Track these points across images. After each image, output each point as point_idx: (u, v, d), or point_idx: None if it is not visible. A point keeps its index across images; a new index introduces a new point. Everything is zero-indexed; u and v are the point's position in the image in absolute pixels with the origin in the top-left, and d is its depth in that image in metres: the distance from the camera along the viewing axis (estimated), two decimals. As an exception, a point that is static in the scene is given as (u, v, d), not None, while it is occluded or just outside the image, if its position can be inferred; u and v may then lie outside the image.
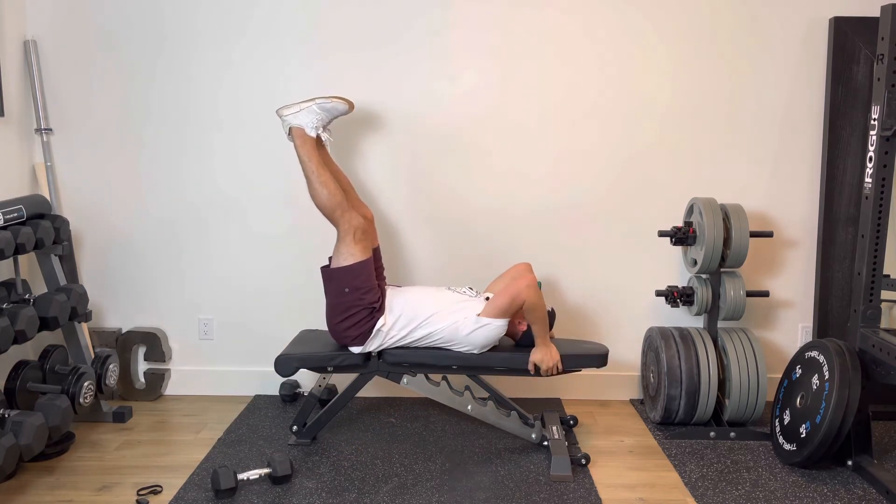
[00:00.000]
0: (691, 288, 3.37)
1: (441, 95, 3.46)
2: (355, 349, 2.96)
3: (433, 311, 2.94)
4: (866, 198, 2.89)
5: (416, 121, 3.47)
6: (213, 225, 3.56)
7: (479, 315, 2.88)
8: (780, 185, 3.52)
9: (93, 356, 3.30)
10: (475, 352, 2.96)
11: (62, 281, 3.20)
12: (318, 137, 3.04)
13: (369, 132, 3.48)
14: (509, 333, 3.05)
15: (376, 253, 3.10)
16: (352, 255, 2.89)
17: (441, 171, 3.51)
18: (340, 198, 2.95)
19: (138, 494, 2.70)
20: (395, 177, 3.51)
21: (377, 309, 2.92)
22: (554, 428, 3.12)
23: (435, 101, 3.46)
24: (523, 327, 3.04)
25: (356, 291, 2.88)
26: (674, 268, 3.59)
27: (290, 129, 3.03)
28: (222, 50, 3.44)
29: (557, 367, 2.97)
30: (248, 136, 3.49)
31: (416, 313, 2.94)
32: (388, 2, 3.40)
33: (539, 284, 3.22)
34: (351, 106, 3.07)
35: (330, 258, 2.97)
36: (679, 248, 3.54)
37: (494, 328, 2.92)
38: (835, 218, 3.46)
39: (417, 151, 3.50)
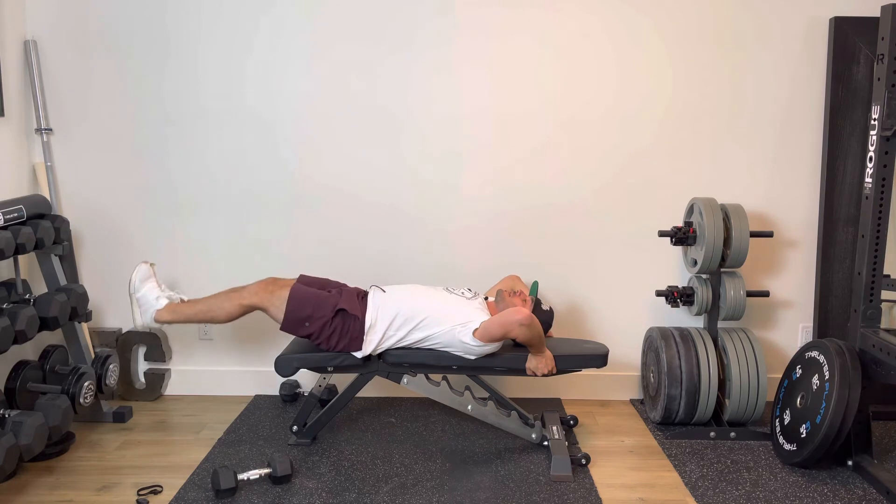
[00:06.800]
0: (691, 288, 3.37)
1: (441, 94, 3.46)
2: (357, 353, 2.96)
3: (430, 313, 2.94)
4: (866, 198, 2.89)
5: (416, 119, 3.47)
6: (213, 225, 3.56)
7: (474, 334, 2.88)
8: (780, 186, 3.52)
9: (93, 356, 3.30)
10: (472, 358, 2.97)
11: (62, 281, 3.20)
12: (176, 299, 3.03)
13: (369, 131, 3.48)
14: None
15: (304, 278, 3.11)
16: (280, 304, 2.92)
17: (440, 170, 3.51)
18: (237, 303, 2.96)
19: (138, 494, 2.70)
20: (394, 176, 3.52)
21: (348, 308, 2.92)
22: (554, 428, 3.12)
23: (434, 99, 3.46)
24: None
25: (313, 315, 2.90)
26: (674, 268, 3.59)
27: (156, 320, 3.00)
28: (223, 49, 3.43)
29: (552, 372, 2.98)
30: (249, 136, 3.49)
31: (414, 314, 2.94)
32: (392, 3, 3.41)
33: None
34: (150, 264, 3.07)
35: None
36: (679, 248, 3.54)
37: (489, 349, 2.94)
38: (835, 218, 3.46)
39: (416, 150, 3.50)
